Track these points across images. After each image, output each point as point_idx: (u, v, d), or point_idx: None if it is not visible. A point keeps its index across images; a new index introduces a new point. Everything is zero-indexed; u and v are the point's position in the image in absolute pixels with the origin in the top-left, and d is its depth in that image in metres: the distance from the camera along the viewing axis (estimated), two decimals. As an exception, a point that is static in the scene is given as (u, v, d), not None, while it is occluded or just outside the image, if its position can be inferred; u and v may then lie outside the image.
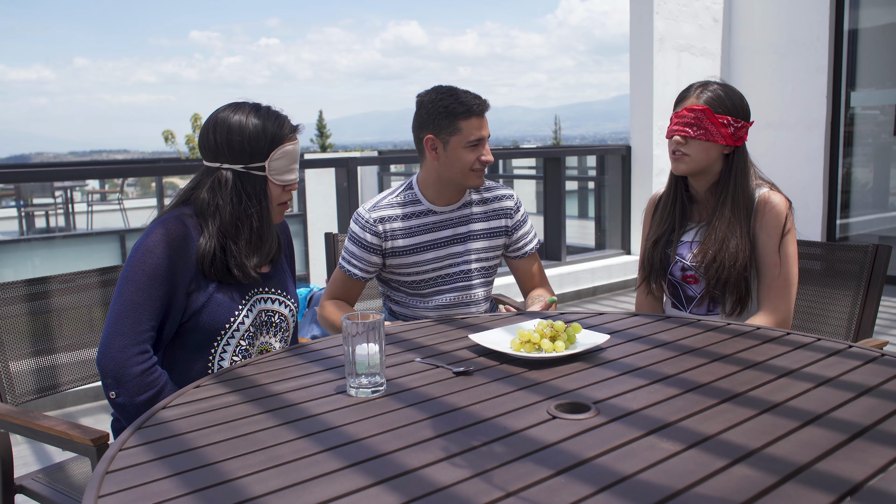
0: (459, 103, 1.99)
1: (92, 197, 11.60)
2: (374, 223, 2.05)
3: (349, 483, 0.94)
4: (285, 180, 1.65)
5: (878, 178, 5.79)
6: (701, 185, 1.98)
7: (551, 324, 1.49)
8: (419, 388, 1.32)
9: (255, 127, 1.60)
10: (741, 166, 1.93)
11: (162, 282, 1.52)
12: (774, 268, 1.88)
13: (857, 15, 5.43)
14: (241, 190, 1.61)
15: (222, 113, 1.62)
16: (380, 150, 6.23)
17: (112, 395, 1.50)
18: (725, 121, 1.89)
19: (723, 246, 1.88)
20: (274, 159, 1.62)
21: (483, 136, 2.02)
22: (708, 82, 1.94)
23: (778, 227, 1.88)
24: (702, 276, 1.93)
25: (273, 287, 1.72)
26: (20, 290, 1.80)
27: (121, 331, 1.49)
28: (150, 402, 1.49)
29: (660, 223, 2.05)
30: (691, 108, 1.89)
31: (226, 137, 1.60)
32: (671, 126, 1.94)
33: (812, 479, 0.92)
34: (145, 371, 1.50)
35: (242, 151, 1.60)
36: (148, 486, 0.95)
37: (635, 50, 5.53)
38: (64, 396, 3.31)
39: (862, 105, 5.58)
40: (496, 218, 2.17)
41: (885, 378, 1.29)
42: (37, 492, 1.65)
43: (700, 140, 1.89)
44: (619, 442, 1.05)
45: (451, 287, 2.11)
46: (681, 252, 1.99)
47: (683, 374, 1.35)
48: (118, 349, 1.48)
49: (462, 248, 2.11)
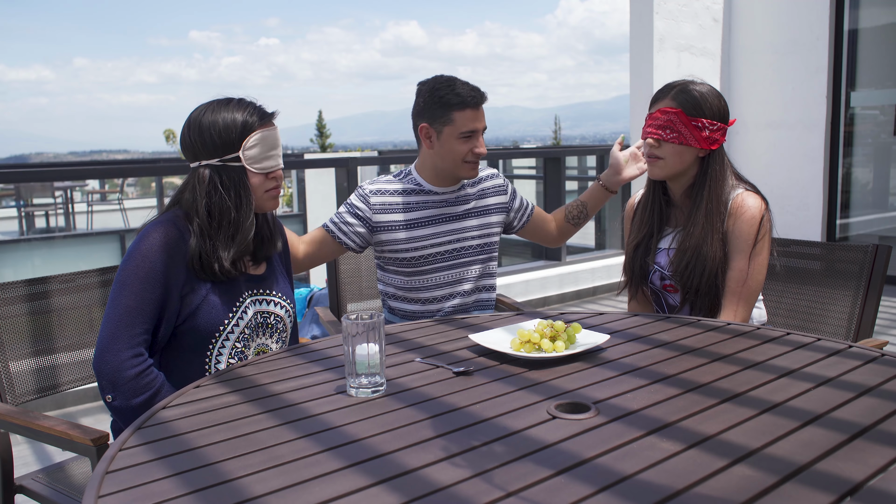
0: (454, 94, 2.00)
1: (92, 197, 11.61)
2: (369, 194, 2.10)
3: (349, 483, 0.94)
4: (265, 167, 1.63)
5: (878, 178, 5.79)
6: (677, 188, 1.95)
7: (551, 324, 1.49)
8: (419, 388, 1.32)
9: (224, 119, 1.59)
10: (717, 169, 1.88)
11: (156, 285, 1.52)
12: (742, 273, 1.85)
13: (857, 15, 5.43)
14: (218, 184, 1.60)
15: (195, 112, 1.63)
16: (380, 150, 6.23)
17: (108, 399, 1.49)
18: (700, 123, 1.83)
19: (696, 253, 1.86)
20: (247, 148, 1.60)
21: (476, 129, 2.03)
22: (685, 82, 1.88)
23: (751, 234, 1.84)
24: (679, 285, 1.92)
25: (268, 288, 1.71)
26: (20, 290, 1.80)
27: (116, 335, 1.49)
28: (145, 404, 1.49)
29: (639, 228, 2.03)
30: (664, 110, 1.85)
31: (198, 135, 1.60)
32: (644, 128, 1.90)
33: (812, 479, 0.92)
34: (140, 374, 1.49)
35: (215, 145, 1.59)
36: (148, 486, 0.95)
37: (635, 50, 5.53)
38: (64, 396, 3.31)
39: (862, 105, 5.58)
40: (494, 195, 2.21)
41: (885, 378, 1.29)
42: (37, 492, 1.65)
43: (673, 143, 1.85)
44: (619, 442, 1.05)
45: (449, 264, 2.13)
46: (659, 260, 1.98)
47: (683, 374, 1.35)
48: (113, 353, 1.48)
49: (460, 224, 2.14)
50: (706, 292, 1.88)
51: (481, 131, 2.05)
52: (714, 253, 1.85)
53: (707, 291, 1.88)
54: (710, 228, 1.86)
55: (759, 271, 1.87)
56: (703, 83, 1.89)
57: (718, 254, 1.85)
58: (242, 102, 1.63)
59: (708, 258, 1.85)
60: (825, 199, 5.47)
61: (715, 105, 1.86)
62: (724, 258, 1.87)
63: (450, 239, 2.13)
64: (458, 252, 2.14)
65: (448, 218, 2.14)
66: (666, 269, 1.94)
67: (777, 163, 5.61)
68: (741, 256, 1.85)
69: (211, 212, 1.59)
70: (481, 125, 2.04)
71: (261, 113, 1.63)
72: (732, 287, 1.87)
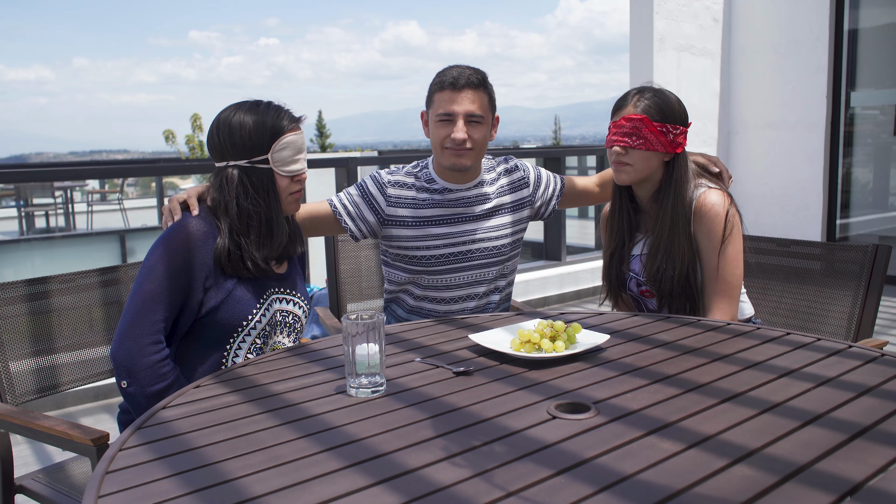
0: (441, 76, 1.97)
1: (92, 197, 11.61)
2: (386, 184, 2.05)
3: (349, 483, 0.94)
4: (292, 171, 1.67)
5: (878, 178, 5.80)
6: (644, 193, 1.97)
7: (551, 324, 1.49)
8: (419, 388, 1.32)
9: (255, 122, 1.63)
10: (681, 172, 1.91)
11: (181, 275, 1.55)
12: (715, 271, 1.87)
13: (857, 15, 5.43)
14: (248, 185, 1.63)
15: (224, 113, 1.66)
16: (380, 150, 6.23)
17: (123, 385, 1.52)
18: (664, 128, 1.86)
19: (665, 256, 1.88)
20: (276, 150, 1.64)
21: (453, 111, 1.94)
22: (644, 89, 1.91)
23: (717, 231, 1.86)
24: (653, 289, 1.93)
25: (289, 287, 1.75)
26: (20, 290, 1.80)
27: (136, 320, 1.52)
28: (160, 394, 1.51)
29: (612, 237, 2.04)
30: (629, 117, 1.87)
31: (228, 135, 1.63)
32: (610, 136, 1.91)
33: (812, 479, 0.92)
34: (158, 362, 1.52)
35: (244, 147, 1.63)
36: (148, 486, 0.95)
37: (635, 50, 5.53)
38: (64, 396, 3.31)
39: (862, 105, 5.58)
40: (516, 190, 2.15)
41: (885, 378, 1.29)
42: (37, 492, 1.65)
43: (640, 150, 1.87)
44: (619, 442, 1.05)
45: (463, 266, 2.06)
46: (633, 267, 1.99)
47: (683, 374, 1.35)
48: (132, 338, 1.51)
49: (476, 225, 2.07)
50: (680, 293, 1.90)
51: (462, 116, 1.94)
52: (682, 254, 1.87)
53: (681, 293, 1.89)
54: (676, 230, 1.88)
55: (734, 265, 1.88)
56: (662, 88, 1.93)
57: (687, 254, 1.88)
58: (272, 106, 1.67)
59: (677, 260, 1.87)
60: (825, 199, 5.47)
61: (677, 110, 1.90)
62: (693, 258, 1.89)
63: (465, 240, 2.06)
64: (475, 253, 2.07)
65: (464, 218, 2.06)
66: (640, 276, 1.96)
67: (777, 163, 5.61)
68: (713, 255, 1.87)
69: (241, 212, 1.62)
70: (461, 109, 1.93)
71: (290, 117, 1.67)
72: (711, 287, 1.88)
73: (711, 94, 5.70)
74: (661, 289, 1.90)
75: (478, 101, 1.97)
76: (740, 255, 1.89)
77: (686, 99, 2.07)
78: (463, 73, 1.96)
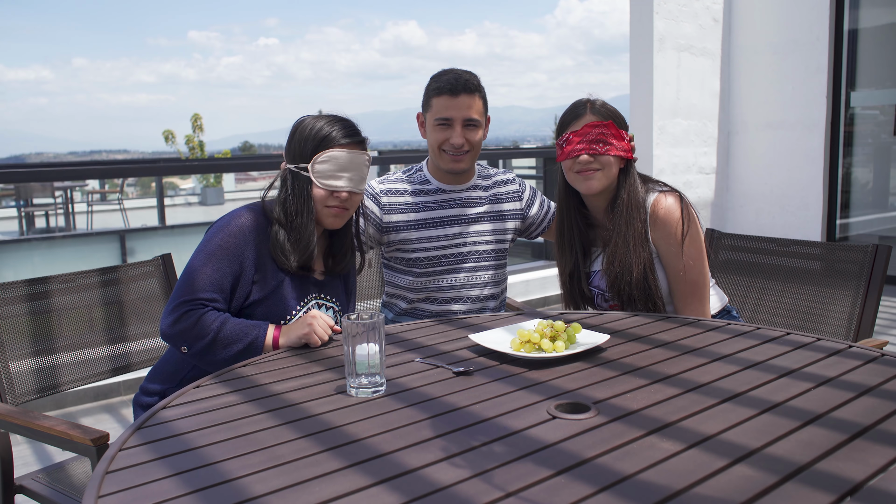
0: (438, 80, 2.00)
1: (92, 197, 11.62)
2: (380, 194, 2.08)
3: (349, 483, 0.95)
4: (328, 185, 1.68)
5: (878, 178, 5.79)
6: (600, 203, 1.96)
7: (551, 324, 1.49)
8: (419, 388, 1.32)
9: (311, 130, 1.69)
10: (633, 178, 1.92)
11: (233, 260, 1.62)
12: (680, 272, 1.88)
13: (857, 15, 5.43)
14: (290, 187, 1.70)
15: (303, 117, 1.75)
16: (380, 150, 6.25)
17: (184, 350, 1.60)
18: (625, 135, 1.89)
19: (621, 262, 1.87)
20: (318, 162, 1.68)
21: (451, 117, 1.98)
22: (591, 99, 1.91)
23: (675, 234, 1.87)
24: (617, 300, 1.93)
25: (330, 294, 1.80)
26: (20, 290, 1.80)
27: (182, 289, 1.60)
28: (210, 347, 1.58)
29: (565, 257, 2.02)
30: (594, 124, 1.86)
31: (291, 138, 1.73)
32: (574, 146, 1.88)
33: (812, 479, 0.92)
34: (201, 317, 1.58)
35: (293, 151, 1.71)
36: (148, 486, 0.95)
37: (635, 50, 5.53)
38: (64, 396, 3.31)
39: (862, 105, 5.58)
40: (508, 200, 2.18)
41: (885, 378, 1.29)
42: (37, 492, 1.65)
43: (608, 155, 1.87)
44: (619, 442, 1.05)
45: (457, 268, 2.10)
46: (599, 284, 1.98)
47: (683, 374, 1.35)
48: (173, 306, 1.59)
49: (470, 228, 2.11)
50: (640, 297, 1.88)
51: (460, 122, 1.98)
52: (638, 255, 1.86)
53: (640, 297, 1.88)
54: (631, 232, 1.87)
55: (699, 264, 1.88)
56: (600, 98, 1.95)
57: (643, 255, 1.87)
58: (336, 119, 1.72)
59: (633, 263, 1.86)
60: (825, 199, 5.47)
61: (624, 118, 1.94)
62: (650, 259, 1.88)
63: (460, 242, 2.10)
64: (466, 256, 2.11)
65: (459, 220, 2.10)
66: (606, 291, 1.95)
67: (777, 163, 5.61)
68: (676, 259, 1.88)
69: (285, 210, 1.69)
70: (459, 115, 1.97)
71: (348, 134, 1.70)
72: (680, 290, 1.89)
73: (711, 94, 5.69)
74: (623, 295, 1.90)
75: (474, 105, 2.01)
76: (703, 254, 1.90)
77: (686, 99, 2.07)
78: (460, 78, 1.99)
